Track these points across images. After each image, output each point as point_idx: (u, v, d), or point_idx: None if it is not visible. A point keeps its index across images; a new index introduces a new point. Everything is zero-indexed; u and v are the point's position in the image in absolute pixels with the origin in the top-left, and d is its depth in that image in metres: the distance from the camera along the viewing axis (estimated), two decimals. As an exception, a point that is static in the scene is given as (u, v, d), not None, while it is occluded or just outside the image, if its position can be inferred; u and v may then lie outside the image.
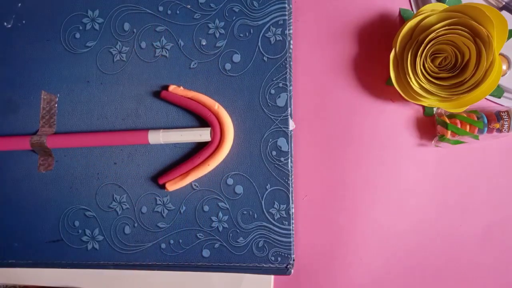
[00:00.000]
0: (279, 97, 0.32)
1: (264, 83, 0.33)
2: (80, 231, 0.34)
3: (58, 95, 0.35)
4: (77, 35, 0.35)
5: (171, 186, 0.32)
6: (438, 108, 0.33)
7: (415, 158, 0.34)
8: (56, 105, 0.35)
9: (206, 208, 0.33)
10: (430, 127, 0.34)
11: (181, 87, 0.33)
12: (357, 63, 0.34)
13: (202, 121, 0.33)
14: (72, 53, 0.35)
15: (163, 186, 0.33)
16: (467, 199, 0.33)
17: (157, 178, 0.33)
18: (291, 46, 0.33)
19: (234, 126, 0.33)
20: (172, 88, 0.33)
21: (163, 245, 0.33)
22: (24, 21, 0.36)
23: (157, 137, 0.32)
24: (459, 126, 0.31)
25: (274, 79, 0.32)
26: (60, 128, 0.35)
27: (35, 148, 0.34)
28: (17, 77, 0.36)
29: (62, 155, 0.35)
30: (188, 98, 0.33)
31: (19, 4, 0.36)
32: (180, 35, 0.34)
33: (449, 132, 0.31)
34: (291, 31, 0.33)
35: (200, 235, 0.33)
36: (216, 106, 0.32)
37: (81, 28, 0.35)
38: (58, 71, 0.35)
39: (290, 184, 0.32)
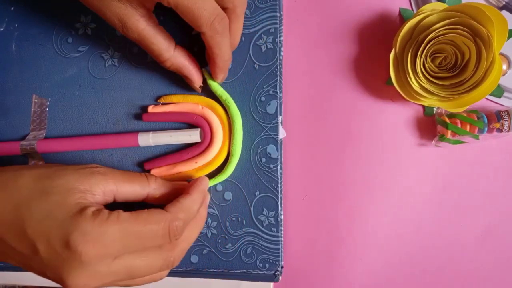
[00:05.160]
0: (269, 104, 0.33)
1: (254, 90, 0.33)
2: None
3: (50, 99, 0.35)
4: (70, 40, 0.35)
5: (156, 174, 0.33)
6: (438, 108, 0.33)
7: (415, 158, 0.34)
8: (47, 109, 0.35)
9: (195, 214, 0.33)
10: (430, 127, 0.34)
11: (160, 103, 0.33)
12: (357, 63, 0.34)
13: (195, 126, 0.33)
14: (64, 57, 0.35)
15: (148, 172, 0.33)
16: (467, 199, 0.33)
17: (144, 164, 0.33)
18: (282, 54, 0.33)
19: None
20: (151, 108, 0.33)
21: (151, 251, 0.33)
22: (16, 25, 0.36)
23: (146, 139, 0.32)
24: (459, 125, 0.31)
25: (264, 86, 0.33)
26: (50, 132, 0.35)
27: (26, 153, 0.34)
28: (9, 80, 0.36)
29: (52, 159, 0.35)
30: (170, 111, 0.33)
31: (12, 8, 0.36)
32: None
33: (449, 131, 0.31)
34: (281, 38, 0.33)
35: (189, 241, 0.33)
36: (200, 107, 0.32)
37: (73, 32, 0.35)
38: (50, 75, 0.35)
39: (279, 191, 0.32)
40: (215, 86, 0.32)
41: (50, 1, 0.36)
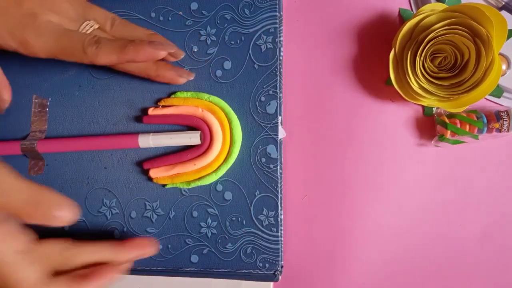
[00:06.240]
0: (269, 104, 0.33)
1: (254, 90, 0.33)
2: (69, 235, 0.34)
3: (50, 99, 0.35)
4: (70, 40, 0.35)
5: (155, 174, 0.33)
6: (437, 108, 0.33)
7: (414, 158, 0.34)
8: (47, 109, 0.35)
9: (195, 213, 0.33)
10: (429, 127, 0.34)
11: (160, 106, 0.33)
12: (357, 63, 0.35)
13: (195, 128, 0.33)
14: (64, 57, 0.35)
15: (147, 172, 0.33)
16: (466, 199, 0.33)
17: (143, 163, 0.33)
18: (282, 54, 0.33)
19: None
20: (151, 110, 0.33)
21: (152, 250, 0.33)
22: (17, 25, 0.36)
23: (147, 141, 0.32)
24: (458, 126, 0.31)
25: (264, 86, 0.33)
26: (51, 132, 0.35)
27: (26, 153, 0.34)
28: (9, 80, 0.36)
29: (52, 159, 0.35)
30: (170, 114, 0.33)
31: (12, 8, 0.36)
32: (172, 41, 0.34)
33: (448, 132, 0.31)
34: (281, 38, 0.33)
35: (188, 241, 0.33)
36: (200, 110, 0.32)
37: (73, 32, 0.35)
38: (50, 75, 0.35)
39: (279, 190, 0.32)
40: (197, 94, 0.33)
41: (50, 1, 0.36)
